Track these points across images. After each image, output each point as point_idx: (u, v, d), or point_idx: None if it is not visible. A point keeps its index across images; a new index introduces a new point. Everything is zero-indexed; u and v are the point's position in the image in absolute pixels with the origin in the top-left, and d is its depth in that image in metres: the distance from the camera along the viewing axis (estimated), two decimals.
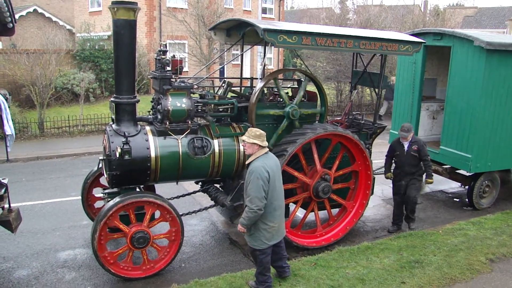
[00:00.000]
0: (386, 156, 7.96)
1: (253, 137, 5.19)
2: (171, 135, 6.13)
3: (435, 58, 10.39)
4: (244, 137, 5.30)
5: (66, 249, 6.89)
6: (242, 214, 5.26)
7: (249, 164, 5.25)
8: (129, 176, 6.00)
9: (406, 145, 7.56)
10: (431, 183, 7.73)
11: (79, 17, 26.75)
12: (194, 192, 7.98)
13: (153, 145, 6.01)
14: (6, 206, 5.88)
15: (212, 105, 6.54)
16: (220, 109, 6.66)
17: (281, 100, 7.03)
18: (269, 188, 5.12)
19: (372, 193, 7.65)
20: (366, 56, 9.04)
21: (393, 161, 7.86)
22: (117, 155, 5.68)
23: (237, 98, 7.21)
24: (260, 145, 5.20)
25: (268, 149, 5.33)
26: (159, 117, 6.18)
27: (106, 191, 6.52)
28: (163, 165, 6.08)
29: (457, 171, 9.13)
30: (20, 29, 23.75)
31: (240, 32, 7.56)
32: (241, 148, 6.54)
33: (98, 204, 7.32)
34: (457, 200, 9.67)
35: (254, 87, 6.97)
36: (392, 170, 7.90)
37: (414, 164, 7.56)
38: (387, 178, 7.92)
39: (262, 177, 5.04)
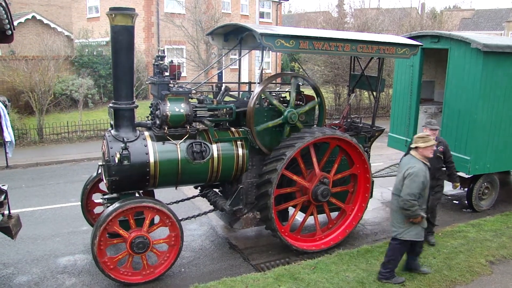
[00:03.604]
0: None
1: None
2: (170, 140, 6.15)
3: (432, 60, 10.44)
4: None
5: (66, 255, 6.89)
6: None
7: None
8: (128, 181, 6.01)
9: None
10: (457, 187, 7.65)
11: (78, 23, 26.80)
12: (194, 197, 7.98)
13: (152, 150, 6.02)
14: (6, 212, 5.88)
15: (223, 109, 6.56)
16: (218, 114, 6.67)
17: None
18: None
19: (371, 196, 7.64)
20: (363, 59, 9.08)
21: None
22: (116, 161, 5.69)
23: (235, 102, 7.22)
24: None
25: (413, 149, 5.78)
26: (157, 122, 6.20)
27: (106, 196, 6.53)
28: (162, 170, 6.09)
29: (457, 173, 9.13)
30: (18, 36, 23.76)
31: (237, 36, 7.60)
32: (240, 152, 6.56)
33: (97, 210, 7.33)
34: (457, 202, 9.68)
35: (252, 91, 6.99)
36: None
37: (438, 168, 7.02)
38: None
39: None
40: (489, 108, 8.18)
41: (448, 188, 10.35)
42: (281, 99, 7.62)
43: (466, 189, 9.17)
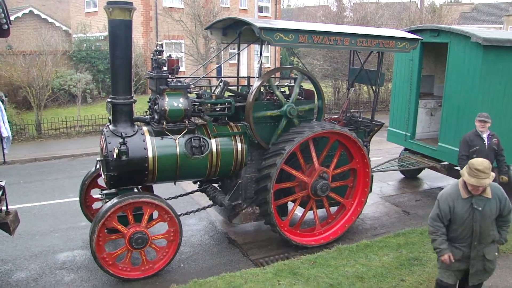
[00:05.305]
0: (462, 155, 6.94)
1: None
2: (169, 135, 6.12)
3: (432, 55, 10.39)
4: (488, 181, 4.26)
5: (65, 251, 6.87)
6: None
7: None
8: (127, 176, 5.99)
9: (486, 138, 6.90)
10: (506, 181, 6.99)
11: (75, 18, 26.67)
12: (192, 192, 7.97)
13: (150, 145, 5.99)
14: (4, 208, 5.85)
15: (209, 104, 6.51)
16: (217, 109, 6.64)
17: (277, 99, 7.01)
18: None
19: (371, 191, 7.64)
20: (363, 53, 9.02)
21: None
22: (115, 156, 5.66)
23: (234, 97, 7.19)
24: None
25: None
26: (156, 117, 6.16)
27: (104, 192, 6.51)
28: (160, 165, 6.06)
29: (455, 167, 9.12)
30: (16, 31, 23.66)
31: (236, 31, 7.55)
32: (239, 147, 6.53)
33: (96, 205, 7.32)
34: None
35: (251, 86, 6.96)
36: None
37: (493, 160, 6.86)
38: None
39: None
40: (489, 102, 8.15)
41: (447, 182, 10.40)
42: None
43: None
